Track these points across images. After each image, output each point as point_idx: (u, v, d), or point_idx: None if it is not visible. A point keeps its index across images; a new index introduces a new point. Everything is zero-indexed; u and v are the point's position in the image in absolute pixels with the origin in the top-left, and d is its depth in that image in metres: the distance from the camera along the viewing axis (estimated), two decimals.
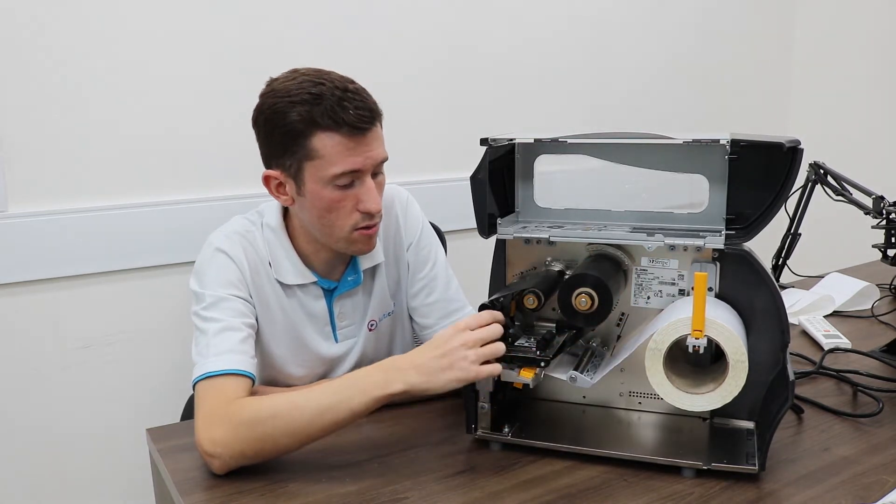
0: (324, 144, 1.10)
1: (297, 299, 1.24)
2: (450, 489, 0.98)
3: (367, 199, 1.14)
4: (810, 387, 1.28)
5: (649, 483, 0.98)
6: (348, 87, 1.12)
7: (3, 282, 1.52)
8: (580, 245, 1.13)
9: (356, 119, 1.10)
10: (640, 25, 2.42)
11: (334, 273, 1.26)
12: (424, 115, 2.03)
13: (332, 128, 1.09)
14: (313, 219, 1.17)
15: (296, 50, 1.79)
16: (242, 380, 1.08)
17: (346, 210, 1.15)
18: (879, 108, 2.65)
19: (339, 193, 1.13)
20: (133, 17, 1.59)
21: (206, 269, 1.17)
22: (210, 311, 1.13)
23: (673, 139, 1.05)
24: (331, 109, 1.09)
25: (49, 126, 1.54)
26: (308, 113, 1.09)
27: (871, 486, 0.96)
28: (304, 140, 1.11)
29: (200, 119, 1.68)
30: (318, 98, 1.09)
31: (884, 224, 1.33)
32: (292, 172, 1.14)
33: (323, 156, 1.11)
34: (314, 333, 1.26)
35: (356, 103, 1.10)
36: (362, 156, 1.12)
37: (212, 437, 1.00)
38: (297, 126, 1.10)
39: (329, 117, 1.09)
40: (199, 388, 1.07)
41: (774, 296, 1.04)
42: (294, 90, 1.10)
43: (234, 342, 1.11)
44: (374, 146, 1.14)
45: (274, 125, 1.12)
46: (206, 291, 1.15)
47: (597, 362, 1.11)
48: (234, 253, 1.18)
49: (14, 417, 1.58)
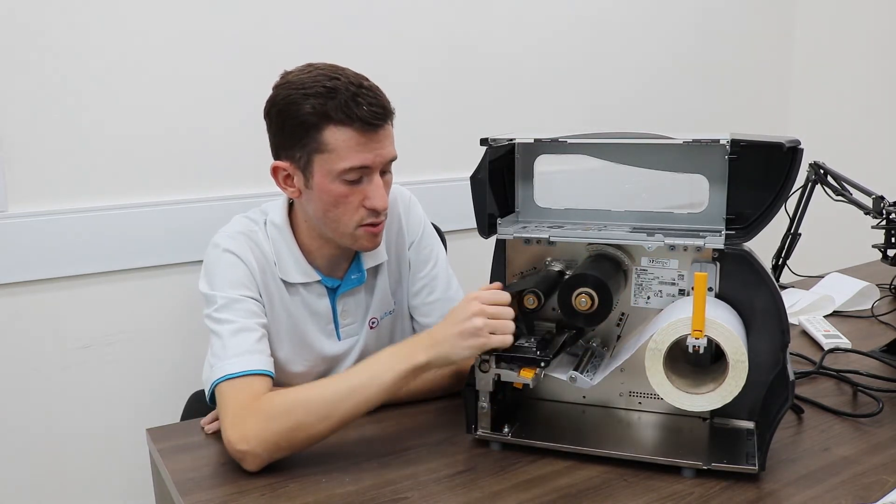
0: (335, 138, 1.11)
1: (300, 297, 1.24)
2: (450, 489, 0.98)
3: (374, 196, 1.15)
4: (810, 387, 1.28)
5: (649, 483, 0.98)
6: (363, 83, 1.13)
7: (3, 282, 1.52)
8: (580, 245, 1.13)
9: (369, 115, 1.10)
10: (640, 25, 2.42)
11: (338, 271, 1.26)
12: (424, 115, 2.03)
13: (345, 122, 1.10)
14: (319, 213, 1.17)
15: (296, 50, 1.78)
16: (264, 379, 1.09)
17: (353, 206, 1.15)
18: (879, 108, 2.65)
19: (347, 188, 1.14)
20: (133, 18, 1.59)
21: (216, 270, 1.17)
22: (223, 313, 1.13)
23: (673, 139, 1.06)
24: (344, 104, 1.09)
25: (49, 126, 1.54)
26: (322, 106, 1.10)
27: (871, 486, 0.96)
28: (315, 132, 1.11)
29: (201, 119, 1.68)
30: (332, 92, 1.10)
31: (884, 224, 1.33)
32: (301, 164, 1.14)
33: (333, 149, 1.11)
34: (317, 331, 1.26)
35: (370, 99, 1.11)
36: (373, 152, 1.13)
37: (243, 434, 1.00)
38: (309, 118, 1.11)
39: (342, 111, 1.09)
40: (222, 389, 1.07)
41: (774, 296, 1.04)
42: (309, 83, 1.11)
43: (251, 342, 1.11)
44: (385, 144, 1.15)
45: (286, 116, 1.13)
46: (218, 293, 1.15)
47: (597, 362, 1.11)
48: (242, 253, 1.18)
49: (14, 417, 1.58)
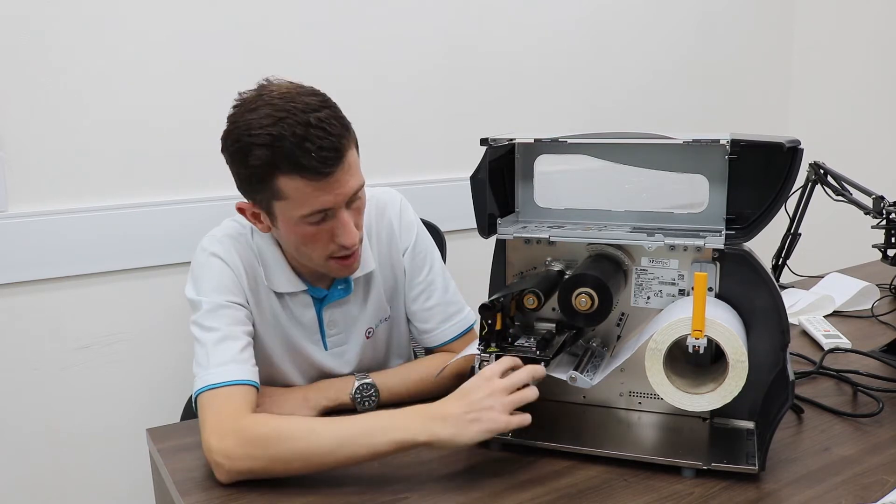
0: (289, 187, 1.05)
1: (287, 306, 1.22)
2: (450, 489, 0.98)
3: (341, 234, 1.10)
4: (810, 387, 1.28)
5: (649, 483, 0.98)
6: (311, 119, 1.02)
7: (3, 282, 1.52)
8: (580, 245, 1.13)
9: (319, 163, 1.03)
10: (640, 25, 2.42)
11: (324, 281, 1.24)
12: (424, 114, 2.03)
13: (295, 172, 1.03)
14: (290, 248, 1.16)
15: (296, 50, 1.79)
16: (247, 389, 1.06)
17: (322, 242, 1.12)
18: (879, 108, 2.65)
19: (313, 228, 1.09)
20: (133, 18, 1.59)
21: (202, 274, 1.16)
22: (208, 320, 1.11)
23: (673, 139, 1.06)
24: (290, 153, 1.02)
25: (49, 126, 1.54)
26: (268, 157, 1.03)
27: (871, 486, 0.96)
28: (268, 182, 1.05)
29: (201, 119, 1.68)
30: (277, 140, 1.01)
31: (884, 224, 1.32)
32: (263, 207, 1.11)
33: (289, 197, 1.06)
34: (304, 340, 1.24)
35: (319, 143, 1.02)
36: (331, 194, 1.06)
37: (220, 447, 0.98)
38: (258, 170, 1.05)
39: (289, 162, 1.02)
40: (203, 399, 1.05)
41: (774, 296, 1.04)
42: (255, 127, 1.03)
43: (235, 352, 1.09)
44: (345, 180, 1.07)
45: (238, 163, 1.07)
46: (203, 298, 1.13)
47: (597, 362, 1.11)
48: (230, 257, 1.16)
49: (14, 417, 1.58)
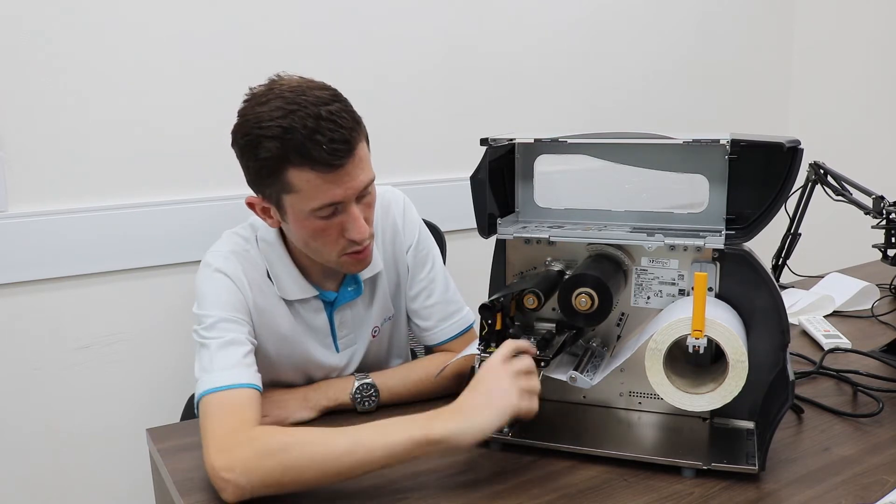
0: (299, 179, 1.04)
1: (298, 313, 1.22)
2: (450, 489, 0.98)
3: (351, 229, 1.10)
4: (810, 387, 1.28)
5: (649, 483, 0.98)
6: (322, 112, 1.02)
7: (3, 282, 1.52)
8: (580, 245, 1.13)
9: (329, 155, 1.02)
10: (640, 25, 2.42)
11: (334, 283, 1.24)
12: (424, 115, 2.03)
13: (305, 164, 1.03)
14: (300, 243, 1.15)
15: (296, 49, 1.79)
16: (253, 393, 1.05)
17: (332, 237, 1.11)
18: (879, 108, 2.65)
19: (323, 222, 1.09)
20: (133, 17, 1.59)
21: (206, 290, 1.14)
22: (211, 332, 1.10)
23: (673, 139, 1.06)
24: (301, 145, 1.01)
25: (49, 126, 1.54)
26: (279, 149, 1.02)
27: (871, 486, 0.96)
28: (279, 174, 1.05)
29: (201, 119, 1.68)
30: (287, 132, 1.01)
31: (884, 224, 1.33)
32: (273, 201, 1.10)
33: (300, 190, 1.05)
34: (316, 345, 1.24)
35: (330, 135, 1.02)
36: (342, 187, 1.06)
37: (229, 463, 0.93)
38: (269, 162, 1.04)
39: (300, 154, 1.02)
40: (207, 402, 1.02)
41: (774, 296, 1.04)
42: (265, 119, 1.03)
43: (239, 356, 1.08)
44: (355, 174, 1.06)
45: (248, 156, 1.07)
46: (207, 312, 1.12)
47: (597, 362, 1.11)
48: (234, 273, 1.15)
49: (14, 417, 1.58)
